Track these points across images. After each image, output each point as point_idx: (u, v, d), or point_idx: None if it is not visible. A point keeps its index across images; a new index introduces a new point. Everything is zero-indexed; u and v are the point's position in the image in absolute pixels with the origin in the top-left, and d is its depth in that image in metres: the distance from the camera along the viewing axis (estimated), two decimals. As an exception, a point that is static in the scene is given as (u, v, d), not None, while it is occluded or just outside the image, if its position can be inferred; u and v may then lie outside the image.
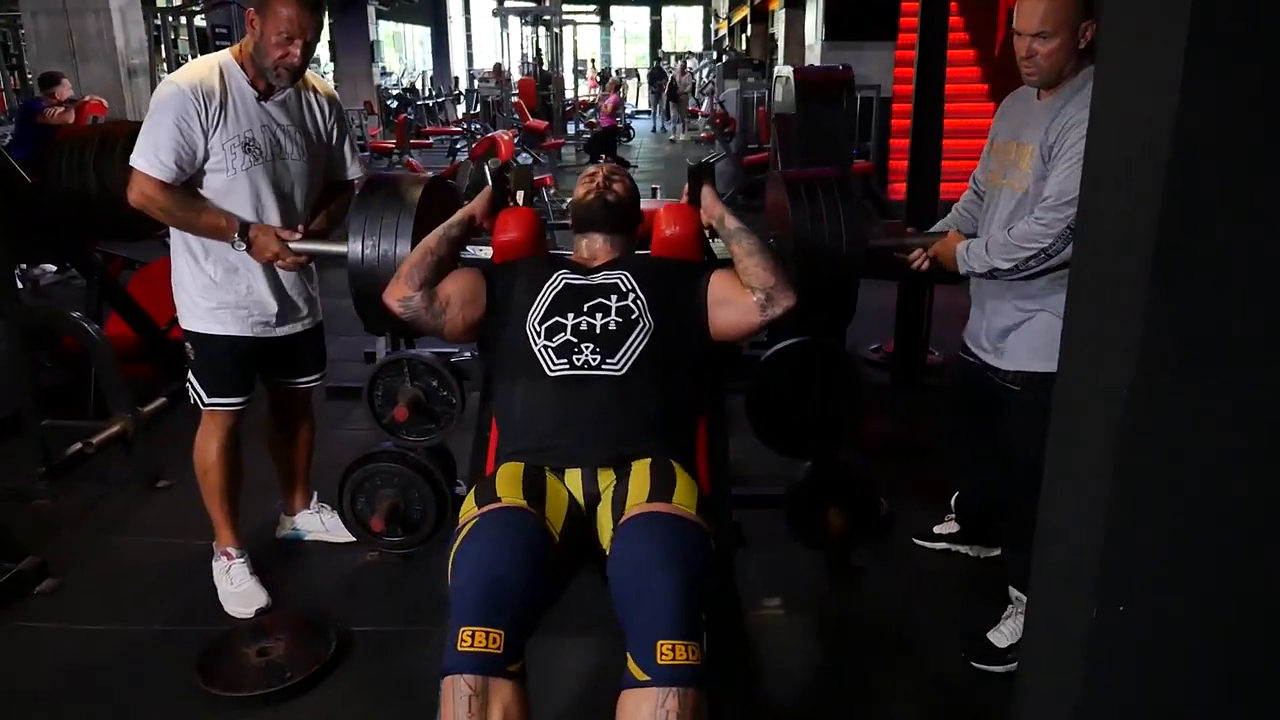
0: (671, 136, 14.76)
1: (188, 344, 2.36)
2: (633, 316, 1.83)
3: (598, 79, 22.08)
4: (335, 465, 2.97)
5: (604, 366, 1.78)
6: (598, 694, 1.98)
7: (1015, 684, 1.72)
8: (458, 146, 11.03)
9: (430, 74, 20.28)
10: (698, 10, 27.42)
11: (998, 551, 2.64)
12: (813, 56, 8.80)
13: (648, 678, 1.34)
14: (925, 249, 2.24)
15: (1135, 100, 1.30)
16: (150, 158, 2.12)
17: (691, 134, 15.34)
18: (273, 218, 2.29)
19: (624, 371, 1.78)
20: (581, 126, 12.91)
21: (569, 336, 1.81)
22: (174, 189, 2.16)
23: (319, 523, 2.75)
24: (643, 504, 1.56)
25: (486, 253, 2.29)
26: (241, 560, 2.46)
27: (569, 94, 13.53)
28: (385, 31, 19.87)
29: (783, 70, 3.77)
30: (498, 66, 13.03)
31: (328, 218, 2.47)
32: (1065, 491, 1.54)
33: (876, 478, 2.51)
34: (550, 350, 1.80)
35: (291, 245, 2.27)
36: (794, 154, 3.33)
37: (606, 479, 1.71)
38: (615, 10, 23.58)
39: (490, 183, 2.18)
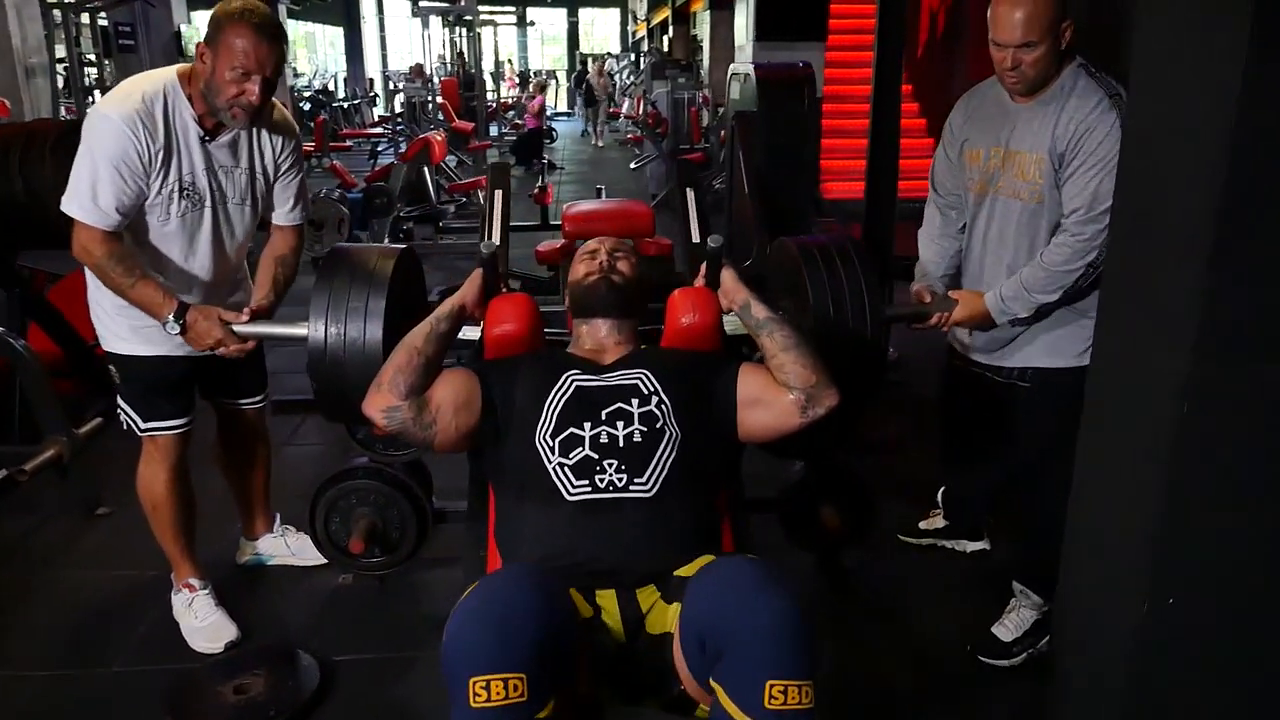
0: (594, 141, 14.65)
1: (111, 367, 2.13)
2: (658, 425, 1.59)
3: (517, 81, 21.85)
4: (290, 484, 2.84)
5: (632, 487, 1.53)
6: None
7: (1055, 677, 1.70)
8: (379, 149, 10.74)
9: (344, 76, 19.74)
10: (614, 12, 27.39)
11: (983, 545, 2.65)
12: (743, 57, 8.85)
13: (746, 719, 1.19)
14: (944, 313, 2.08)
15: (1189, 98, 1.29)
16: (86, 204, 1.85)
17: (614, 135, 15.29)
18: (204, 265, 2.07)
19: (654, 491, 1.53)
20: (505, 129, 12.73)
21: (588, 451, 1.56)
22: (116, 242, 1.90)
23: (284, 546, 2.58)
24: (708, 559, 1.39)
25: (474, 333, 2.03)
26: (205, 592, 2.28)
27: (490, 96, 13.33)
28: (296, 32, 19.25)
29: (740, 68, 3.74)
30: (418, 67, 12.76)
31: (273, 285, 2.14)
32: (1107, 484, 1.52)
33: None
34: (568, 469, 1.55)
35: (237, 329, 1.97)
36: (756, 152, 3.27)
37: (649, 596, 1.48)
38: (532, 11, 23.35)
39: (481, 266, 1.84)
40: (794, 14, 8.12)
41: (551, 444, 1.58)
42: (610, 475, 1.54)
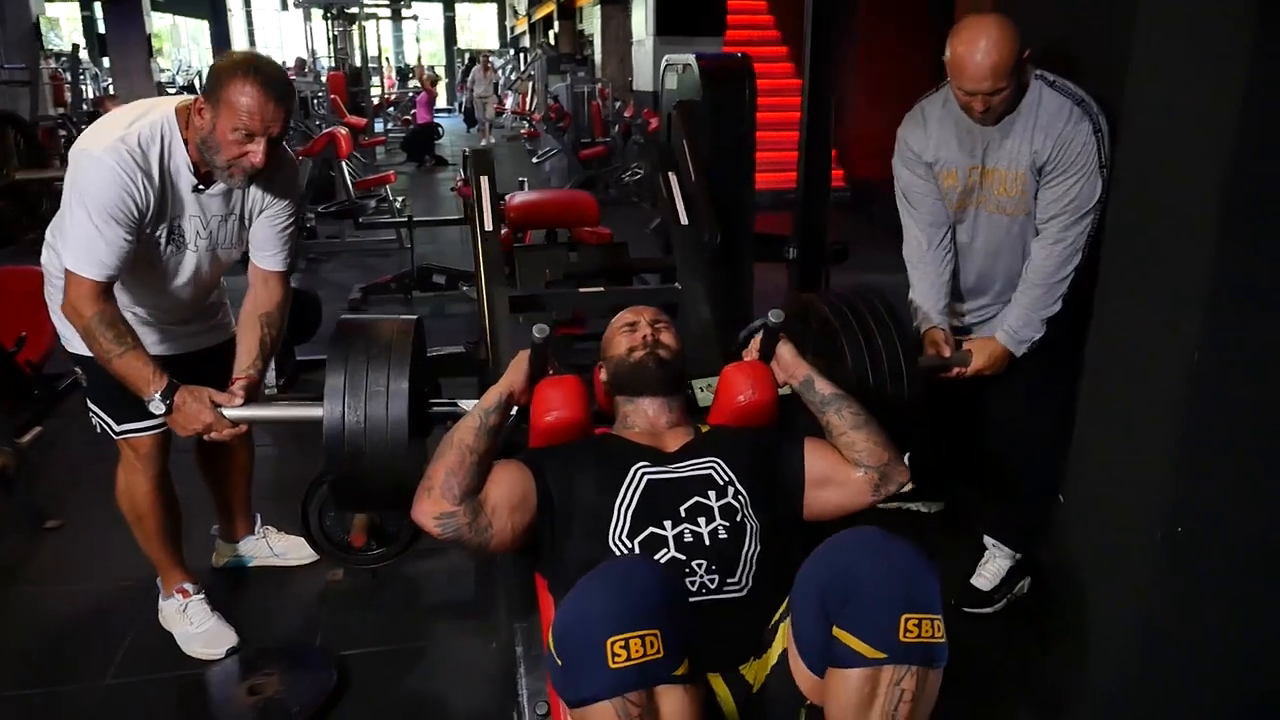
0: (483, 142, 14.43)
1: (78, 369, 2.00)
2: (738, 518, 1.50)
3: (395, 78, 21.35)
4: (258, 484, 2.74)
5: (726, 589, 1.45)
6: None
7: (1086, 608, 1.83)
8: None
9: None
10: (492, 8, 27.09)
11: (942, 505, 2.82)
12: (642, 51, 8.96)
13: (883, 655, 1.17)
14: (963, 365, 2.11)
15: (1200, 67, 1.44)
16: (85, 258, 1.71)
17: (500, 131, 15.14)
18: (179, 300, 1.98)
19: (747, 589, 1.46)
20: (391, 124, 12.46)
21: (674, 553, 1.46)
22: (107, 303, 1.76)
23: (265, 548, 2.51)
24: None
25: None
26: (199, 597, 2.20)
27: (374, 91, 13.00)
28: (159, 25, 18.22)
29: (678, 58, 3.81)
30: (300, 62, 12.34)
31: (260, 350, 1.94)
32: (1119, 431, 1.67)
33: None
34: None
35: (229, 414, 1.79)
36: (702, 141, 3.36)
37: (754, 669, 1.38)
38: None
39: (531, 350, 1.65)
40: (692, 9, 8.28)
41: (630, 545, 1.47)
42: (701, 577, 1.45)
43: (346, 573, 2.46)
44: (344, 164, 6.41)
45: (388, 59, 21.33)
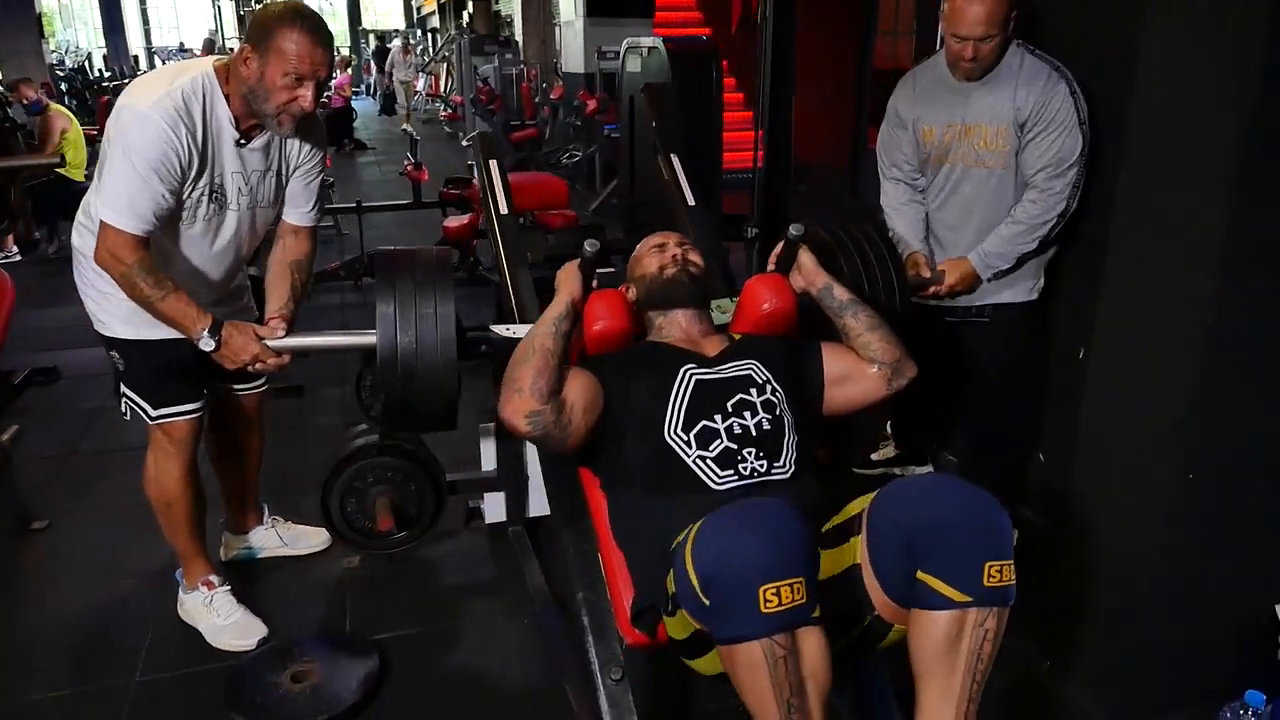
0: (404, 127, 14.07)
1: (114, 353, 1.98)
2: (777, 412, 1.66)
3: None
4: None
5: (773, 473, 1.61)
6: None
7: (1100, 550, 1.98)
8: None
9: (103, 53, 17.79)
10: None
11: (929, 468, 2.97)
12: (571, 33, 8.92)
13: (968, 598, 1.31)
14: (939, 283, 2.27)
15: (1213, 29, 1.57)
16: (124, 210, 1.72)
17: (415, 114, 14.83)
18: (218, 265, 2.00)
19: (792, 472, 1.63)
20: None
21: (727, 443, 1.61)
22: (145, 251, 1.77)
23: (275, 538, 2.49)
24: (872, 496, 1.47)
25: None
26: (226, 589, 2.18)
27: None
28: (45, 4, 17.14)
29: (645, 40, 3.85)
30: (209, 42, 11.83)
31: (291, 292, 2.00)
32: (1134, 389, 1.81)
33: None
34: (710, 461, 1.59)
35: (273, 344, 1.86)
36: (672, 122, 3.43)
37: (829, 558, 1.50)
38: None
39: (582, 261, 1.78)
40: (622, -10, 8.30)
41: (686, 438, 1.61)
42: (752, 463, 1.60)
43: (363, 559, 2.46)
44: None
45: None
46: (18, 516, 2.64)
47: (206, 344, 1.81)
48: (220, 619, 2.14)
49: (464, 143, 9.43)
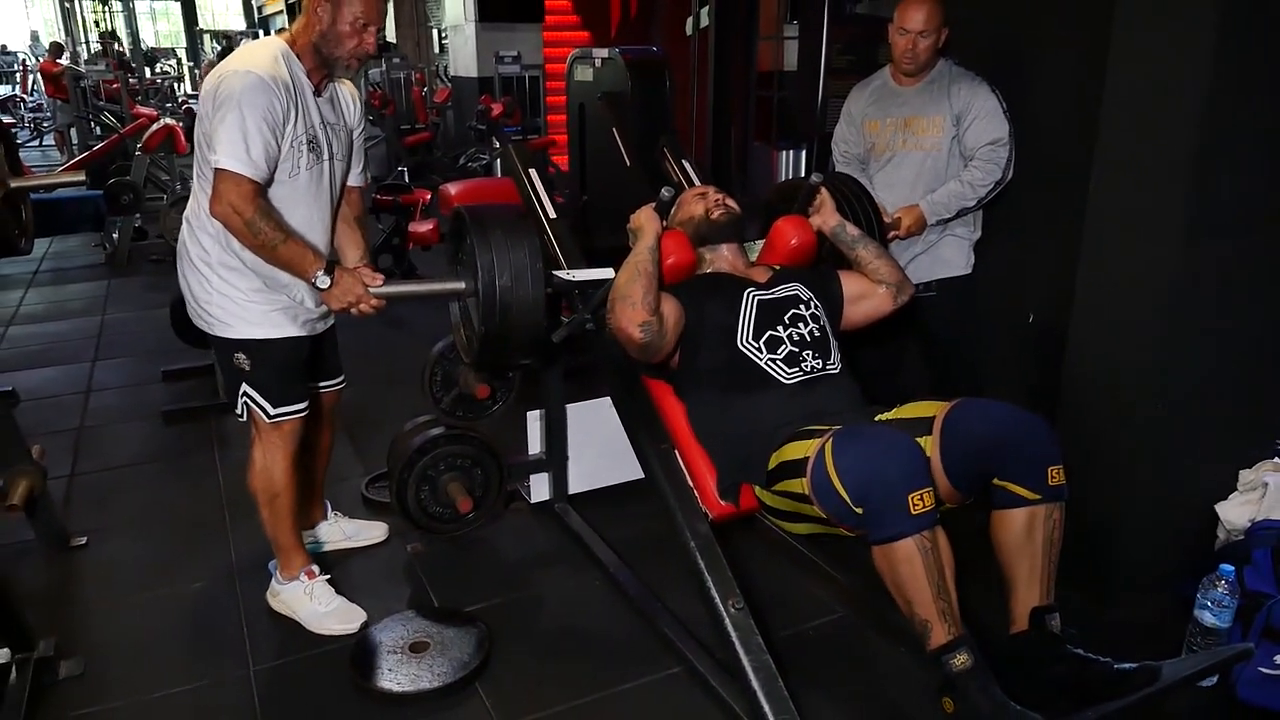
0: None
1: (240, 355, 2.11)
2: (821, 323, 2.10)
3: (118, 60, 19.41)
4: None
5: (827, 369, 2.05)
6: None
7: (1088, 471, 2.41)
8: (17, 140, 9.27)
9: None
10: (233, -15, 25.24)
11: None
12: (461, 37, 8.98)
13: (1038, 496, 1.72)
14: (897, 228, 2.66)
15: (1178, 7, 1.99)
16: (242, 156, 1.87)
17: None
18: (322, 224, 2.15)
19: (840, 369, 2.08)
20: (168, 104, 11.57)
21: (791, 347, 2.02)
22: (264, 199, 1.94)
23: (339, 532, 2.61)
24: (949, 403, 1.83)
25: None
26: (324, 578, 2.31)
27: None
28: None
29: (598, 51, 4.08)
30: (57, 45, 11.07)
31: (365, 246, 2.27)
32: (1111, 318, 2.25)
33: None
34: (779, 362, 2.01)
35: (375, 290, 2.03)
36: (631, 130, 3.73)
37: None
38: (135, -18, 20.86)
39: (658, 205, 2.10)
40: (512, -4, 8.45)
41: (756, 345, 2.03)
42: (811, 362, 2.04)
43: (426, 543, 2.63)
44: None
45: (118, 40, 19.37)
46: (56, 535, 2.64)
47: (322, 281, 1.97)
48: (322, 606, 2.27)
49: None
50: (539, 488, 2.80)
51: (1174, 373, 2.18)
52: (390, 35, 12.31)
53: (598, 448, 2.75)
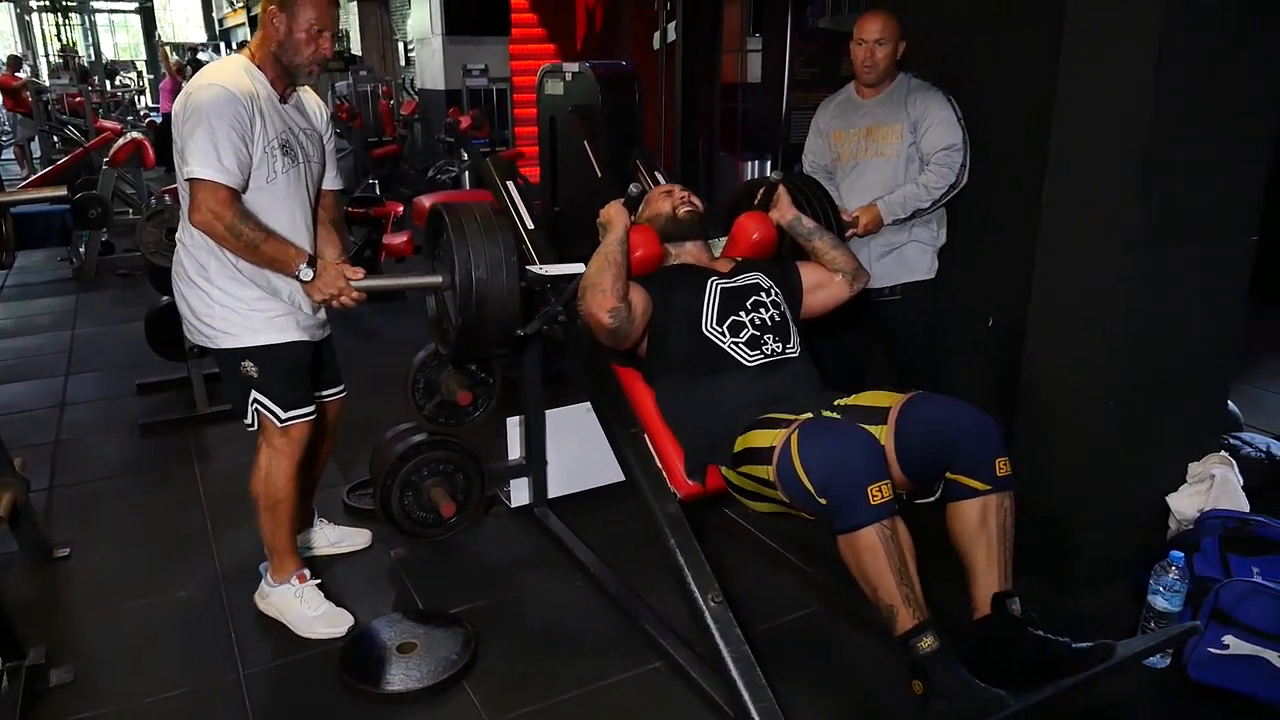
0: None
1: (247, 362, 2.16)
2: (781, 309, 2.24)
3: (79, 74, 19.20)
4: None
5: (787, 351, 2.17)
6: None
7: (1049, 464, 2.52)
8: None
9: None
10: (193, -4, 25.02)
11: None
12: (428, 50, 9.02)
13: (989, 487, 1.84)
14: (855, 225, 2.76)
15: (1124, 31, 2.13)
16: (215, 164, 1.94)
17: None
18: (304, 226, 2.21)
19: (799, 352, 2.20)
20: (129, 117, 11.51)
21: (753, 331, 2.15)
22: (240, 203, 2.01)
23: (324, 538, 2.66)
24: (904, 396, 1.95)
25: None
26: (315, 582, 2.35)
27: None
28: None
29: (568, 66, 4.16)
30: (15, 59, 10.94)
31: (342, 245, 2.36)
32: (1065, 320, 2.37)
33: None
34: (741, 345, 2.14)
35: (355, 284, 2.12)
36: (602, 143, 3.83)
37: (830, 415, 2.02)
38: (93, -6, 20.60)
39: (626, 200, 2.26)
40: (479, 9, 8.51)
41: (721, 330, 2.15)
42: (772, 344, 2.16)
43: (409, 548, 2.68)
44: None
45: (76, 52, 19.17)
46: (39, 546, 2.65)
47: (305, 274, 2.06)
48: (311, 610, 2.31)
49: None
50: (519, 492, 2.87)
51: (1125, 372, 2.30)
52: (356, 48, 12.34)
53: (576, 452, 2.83)
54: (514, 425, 2.80)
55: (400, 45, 11.73)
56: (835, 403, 2.06)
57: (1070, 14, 2.25)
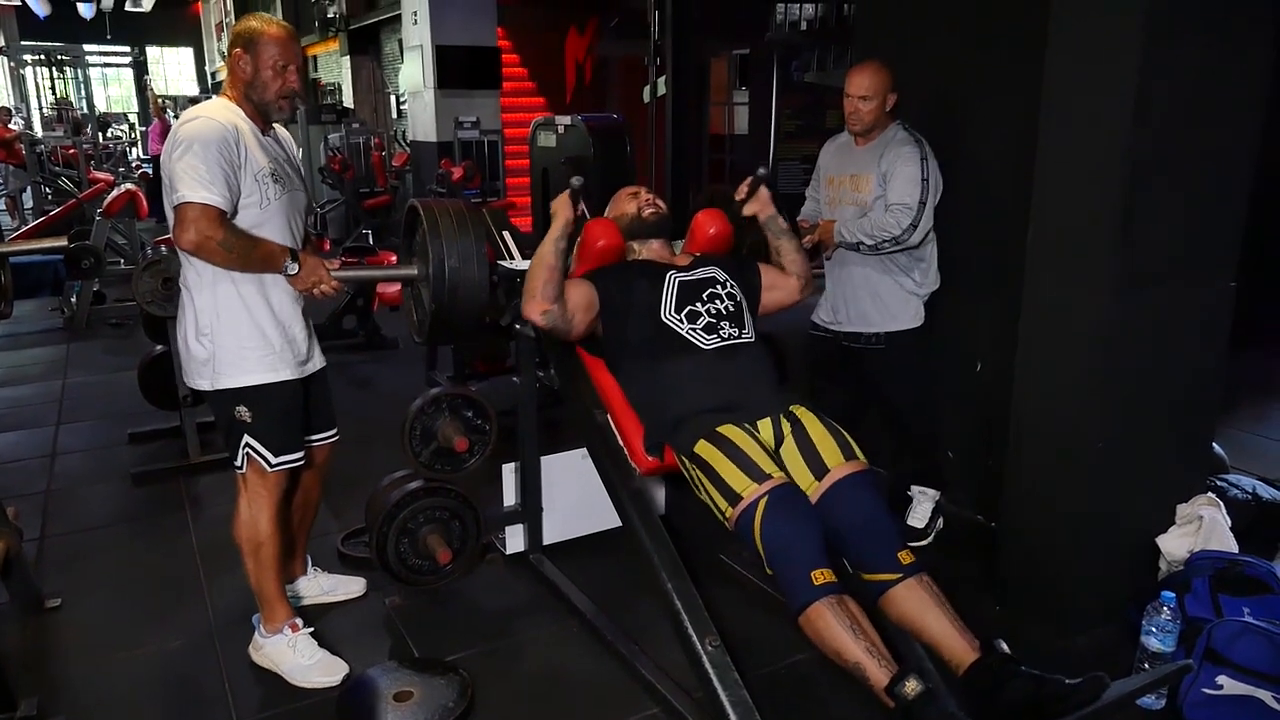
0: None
1: (241, 407, 2.18)
2: (737, 299, 2.39)
3: (73, 126, 19.34)
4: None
5: (742, 336, 2.33)
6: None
7: (1036, 512, 2.55)
8: None
9: None
10: (187, 51, 25.27)
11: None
12: (420, 103, 9.16)
13: (900, 575, 1.93)
14: (812, 234, 2.93)
15: (1099, 84, 2.20)
16: (205, 188, 2.00)
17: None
18: (296, 245, 2.26)
19: (753, 338, 2.35)
20: (120, 168, 11.60)
21: (709, 319, 2.30)
22: (229, 220, 2.06)
23: (318, 586, 2.65)
24: (844, 464, 2.05)
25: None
26: (308, 631, 2.34)
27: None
28: None
29: (560, 119, 4.26)
30: (5, 110, 11.03)
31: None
32: (1052, 365, 2.42)
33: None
34: (698, 331, 2.29)
35: (334, 274, 2.23)
36: (594, 194, 3.89)
37: (785, 425, 2.16)
38: (89, 48, 20.74)
39: (571, 192, 2.32)
40: (471, 64, 8.67)
41: (678, 318, 2.31)
42: (728, 329, 2.31)
43: (404, 596, 2.67)
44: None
45: (70, 103, 19.29)
46: (31, 597, 2.63)
47: (291, 268, 2.16)
48: (305, 659, 2.30)
49: (319, 211, 9.40)
50: (514, 539, 2.87)
51: (1111, 415, 2.35)
52: (348, 101, 12.52)
53: (571, 499, 2.84)
54: (509, 471, 2.82)
55: (392, 98, 11.90)
56: (790, 408, 2.18)
57: (1048, 69, 2.33)
